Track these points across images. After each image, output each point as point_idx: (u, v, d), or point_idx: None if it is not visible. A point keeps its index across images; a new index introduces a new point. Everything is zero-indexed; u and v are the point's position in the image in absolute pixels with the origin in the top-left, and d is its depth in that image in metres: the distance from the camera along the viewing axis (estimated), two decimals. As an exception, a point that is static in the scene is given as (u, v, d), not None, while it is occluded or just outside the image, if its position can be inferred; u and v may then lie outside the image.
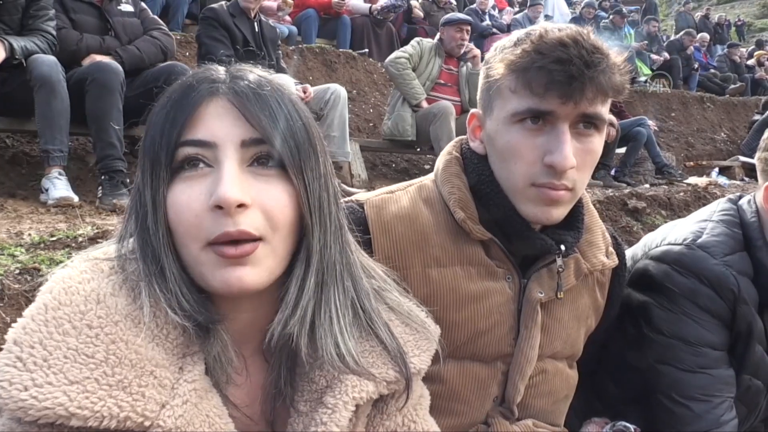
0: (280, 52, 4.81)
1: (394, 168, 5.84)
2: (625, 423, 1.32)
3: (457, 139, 1.27)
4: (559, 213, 1.08)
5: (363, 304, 0.83)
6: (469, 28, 5.29)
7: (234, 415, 0.76)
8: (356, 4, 7.79)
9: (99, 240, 2.16)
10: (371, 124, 6.35)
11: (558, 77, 0.98)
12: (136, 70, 3.41)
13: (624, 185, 5.93)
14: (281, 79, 0.83)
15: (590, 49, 0.99)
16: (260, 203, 0.73)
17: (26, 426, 0.63)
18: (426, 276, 1.12)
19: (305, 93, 4.10)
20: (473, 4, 9.68)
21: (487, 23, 9.37)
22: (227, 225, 0.70)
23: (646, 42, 11.21)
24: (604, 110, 1.05)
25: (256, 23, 4.44)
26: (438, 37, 5.27)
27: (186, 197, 0.72)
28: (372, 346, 0.83)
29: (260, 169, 0.75)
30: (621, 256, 1.33)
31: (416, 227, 1.14)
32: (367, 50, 7.39)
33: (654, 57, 11.13)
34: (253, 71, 0.80)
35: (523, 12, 10.34)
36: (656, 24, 12.37)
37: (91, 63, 3.24)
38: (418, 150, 5.52)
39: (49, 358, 0.64)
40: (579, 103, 1.00)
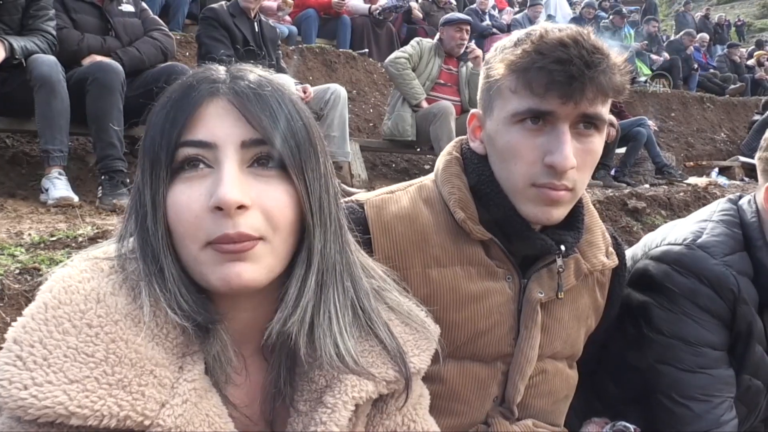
0: (280, 52, 4.81)
1: (394, 168, 5.84)
2: (625, 423, 1.32)
3: (457, 139, 1.27)
4: (559, 213, 1.08)
5: (362, 304, 0.83)
6: (468, 27, 5.28)
7: (233, 414, 0.76)
8: (356, 4, 7.79)
9: (99, 240, 2.16)
10: (371, 124, 6.35)
11: (558, 77, 0.98)
12: (136, 71, 3.41)
13: (624, 185, 5.92)
14: (281, 79, 0.83)
15: (590, 49, 0.99)
16: (260, 204, 0.73)
17: (26, 425, 0.63)
18: (426, 276, 1.12)
19: (305, 93, 4.10)
20: (473, 4, 9.69)
21: (487, 23, 9.37)
22: (227, 227, 0.70)
23: (646, 42, 11.23)
24: (605, 110, 1.05)
25: (256, 23, 4.45)
26: (437, 37, 5.26)
27: (186, 198, 0.72)
28: (371, 345, 0.83)
29: (260, 170, 0.75)
30: (621, 256, 1.33)
31: (416, 227, 1.14)
32: (367, 50, 7.39)
33: (654, 57, 11.14)
34: (253, 71, 0.80)
35: (523, 12, 10.35)
36: (656, 24, 12.39)
37: (91, 63, 3.24)
38: (418, 150, 5.52)
39: (49, 357, 0.64)
40: (579, 104, 1.00)
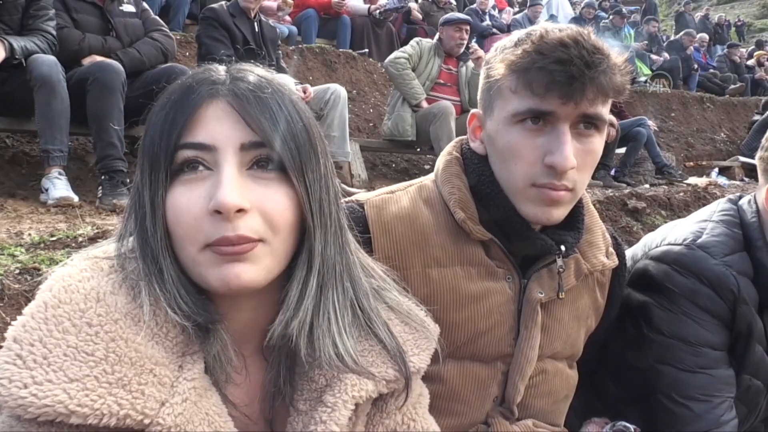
0: (280, 52, 4.81)
1: (394, 168, 5.84)
2: (625, 423, 1.32)
3: (458, 139, 1.27)
4: (559, 213, 1.08)
5: (362, 304, 0.83)
6: (468, 27, 5.28)
7: (233, 413, 0.76)
8: (356, 4, 7.79)
9: (99, 240, 2.15)
10: (371, 124, 6.35)
11: (559, 78, 0.98)
12: (136, 72, 3.41)
13: (624, 185, 5.92)
14: (282, 79, 0.83)
15: (591, 49, 0.99)
16: (260, 207, 0.73)
17: (26, 424, 0.63)
18: (426, 276, 1.12)
19: (305, 93, 4.10)
20: (473, 4, 9.69)
21: (487, 23, 9.37)
22: (226, 230, 0.70)
23: (646, 42, 11.23)
24: (605, 111, 1.05)
25: (256, 23, 4.44)
26: (437, 36, 5.26)
27: (185, 200, 0.72)
28: (371, 345, 0.83)
29: (260, 173, 0.74)
30: (621, 256, 1.33)
31: (416, 227, 1.14)
32: (366, 50, 7.39)
33: (654, 57, 11.13)
34: (253, 71, 0.79)
35: (523, 12, 10.35)
36: (656, 24, 12.40)
37: (92, 63, 3.24)
38: (418, 150, 5.52)
39: (48, 356, 0.64)
40: (579, 104, 1.00)
